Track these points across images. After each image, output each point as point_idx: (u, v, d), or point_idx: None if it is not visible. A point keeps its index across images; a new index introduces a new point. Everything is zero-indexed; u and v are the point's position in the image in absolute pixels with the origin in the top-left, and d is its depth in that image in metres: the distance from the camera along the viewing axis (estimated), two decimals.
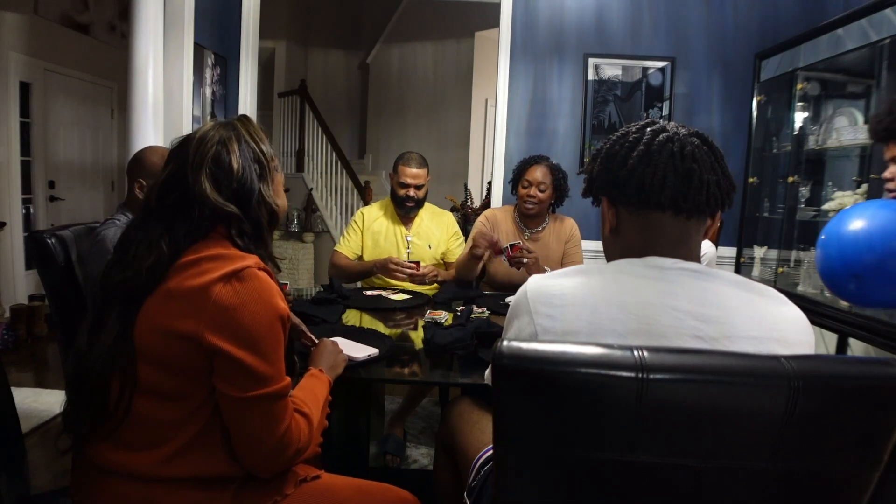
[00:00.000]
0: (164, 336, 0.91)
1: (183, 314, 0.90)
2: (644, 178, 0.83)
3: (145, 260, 0.93)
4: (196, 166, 0.97)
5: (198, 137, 1.01)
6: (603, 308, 0.79)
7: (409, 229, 2.62)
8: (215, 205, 0.96)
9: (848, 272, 1.29)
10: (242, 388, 0.91)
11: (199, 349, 0.90)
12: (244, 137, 1.02)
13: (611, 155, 0.89)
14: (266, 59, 6.81)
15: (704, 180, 0.83)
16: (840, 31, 2.43)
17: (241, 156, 1.00)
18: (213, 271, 0.91)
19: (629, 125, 0.91)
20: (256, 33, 3.59)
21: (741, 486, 0.69)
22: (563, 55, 3.35)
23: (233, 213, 0.98)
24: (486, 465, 1.12)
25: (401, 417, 2.47)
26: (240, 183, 0.99)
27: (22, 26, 4.28)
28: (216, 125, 1.03)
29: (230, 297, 0.90)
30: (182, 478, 0.94)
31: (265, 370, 0.92)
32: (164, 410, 0.94)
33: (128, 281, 0.94)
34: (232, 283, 0.91)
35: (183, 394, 0.94)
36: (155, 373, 0.93)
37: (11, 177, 4.31)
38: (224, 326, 0.89)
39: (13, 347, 3.67)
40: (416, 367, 1.51)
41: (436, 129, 7.03)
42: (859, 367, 0.68)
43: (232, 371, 0.91)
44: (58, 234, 1.59)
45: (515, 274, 2.38)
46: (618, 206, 0.89)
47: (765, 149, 3.06)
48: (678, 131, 0.86)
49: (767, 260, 2.96)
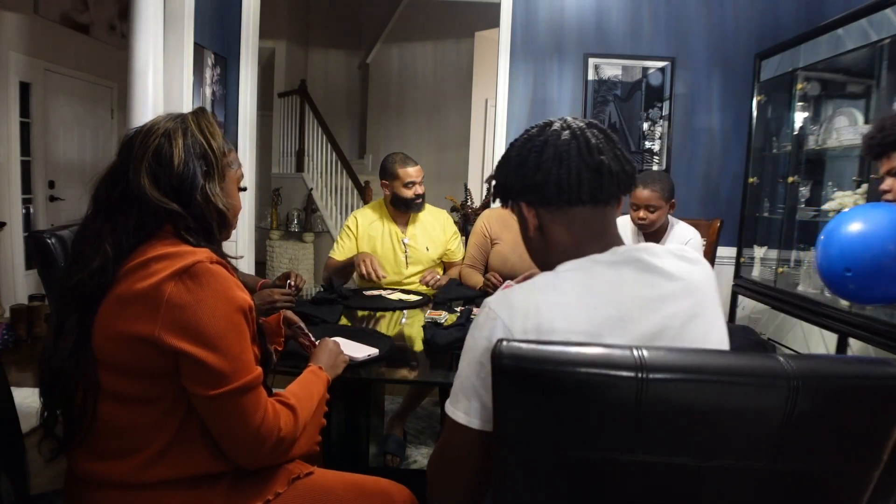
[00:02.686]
0: (122, 341, 0.89)
1: (137, 317, 0.87)
2: (560, 179, 0.86)
3: (91, 262, 0.90)
4: (137, 160, 0.93)
5: (145, 130, 0.97)
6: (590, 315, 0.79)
7: (406, 232, 2.57)
8: (154, 202, 0.92)
9: (842, 267, 1.32)
10: (208, 386, 0.88)
11: (159, 351, 0.88)
12: (192, 131, 0.98)
13: (521, 161, 0.91)
14: (266, 59, 6.80)
15: (613, 169, 0.87)
16: (840, 31, 2.43)
17: (185, 150, 0.95)
18: (162, 270, 0.88)
19: (528, 129, 0.94)
20: (256, 33, 3.59)
21: (741, 485, 0.69)
22: (563, 55, 3.35)
23: (173, 211, 0.93)
24: None
25: (401, 417, 2.47)
26: (179, 179, 0.94)
27: (22, 26, 4.28)
28: (167, 117, 0.99)
29: (183, 294, 0.87)
30: (167, 480, 0.93)
31: (228, 366, 0.89)
32: (133, 415, 0.92)
33: (80, 284, 0.91)
34: (184, 280, 0.87)
35: (150, 397, 0.92)
36: (117, 378, 0.91)
37: (11, 177, 4.31)
38: (181, 326, 0.86)
39: (13, 347, 3.67)
40: (416, 367, 1.51)
41: (436, 129, 7.03)
42: (859, 367, 0.68)
43: (195, 370, 0.88)
44: (58, 234, 1.59)
45: (520, 266, 2.41)
46: (537, 208, 0.91)
47: (765, 149, 3.06)
48: (578, 125, 0.90)
49: (767, 260, 2.96)
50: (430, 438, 2.54)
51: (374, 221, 2.57)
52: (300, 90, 6.38)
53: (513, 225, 2.58)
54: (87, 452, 0.94)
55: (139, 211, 0.92)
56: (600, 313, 0.79)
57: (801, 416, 0.65)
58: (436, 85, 7.06)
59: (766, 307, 3.00)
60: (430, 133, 7.07)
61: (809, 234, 2.69)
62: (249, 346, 0.94)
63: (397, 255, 2.54)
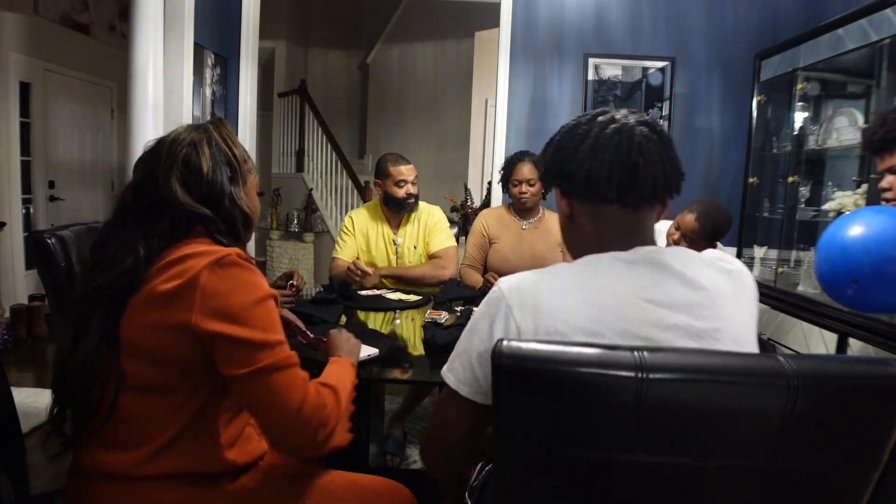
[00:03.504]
0: (155, 330, 0.92)
1: (174, 308, 0.90)
2: (591, 173, 0.85)
3: (123, 262, 0.94)
4: (166, 169, 0.98)
5: (169, 140, 1.01)
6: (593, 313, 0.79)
7: (397, 232, 2.57)
8: (187, 207, 0.97)
9: (847, 276, 1.28)
10: (243, 363, 0.90)
11: (194, 340, 0.90)
12: (215, 140, 1.03)
13: (560, 147, 0.90)
14: (266, 59, 6.80)
15: (650, 174, 0.84)
16: (840, 31, 2.43)
17: (212, 158, 1.01)
18: (197, 264, 0.92)
19: (581, 115, 0.92)
20: (256, 33, 3.60)
21: (740, 485, 0.69)
22: (563, 55, 3.36)
23: (205, 215, 0.99)
24: (486, 464, 1.12)
25: (401, 417, 2.47)
26: (209, 185, 1.00)
27: (22, 26, 4.28)
28: (189, 128, 1.04)
29: (216, 283, 0.91)
30: (168, 474, 0.94)
31: (262, 338, 0.91)
32: (148, 406, 0.94)
33: (109, 283, 0.94)
34: (216, 270, 0.91)
35: (169, 387, 0.94)
36: (142, 367, 0.93)
37: (11, 177, 4.31)
38: (215, 311, 0.90)
39: (13, 347, 3.67)
40: (416, 367, 1.51)
41: (436, 129, 7.03)
42: (859, 367, 0.68)
43: (230, 350, 0.90)
44: (58, 234, 1.59)
45: (520, 266, 2.41)
46: (569, 197, 0.91)
47: (765, 149, 3.05)
48: (627, 122, 0.87)
49: (767, 260, 2.96)
50: None
51: (368, 221, 2.58)
52: (300, 90, 6.38)
53: (511, 225, 2.58)
54: (97, 441, 0.96)
55: (172, 216, 0.97)
56: (601, 311, 0.79)
57: (801, 416, 0.65)
58: (436, 85, 7.06)
59: (766, 307, 3.00)
60: (430, 133, 7.07)
61: (809, 234, 2.69)
62: (281, 328, 0.96)
63: (389, 255, 2.55)
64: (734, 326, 0.82)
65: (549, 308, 0.79)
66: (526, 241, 2.54)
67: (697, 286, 0.81)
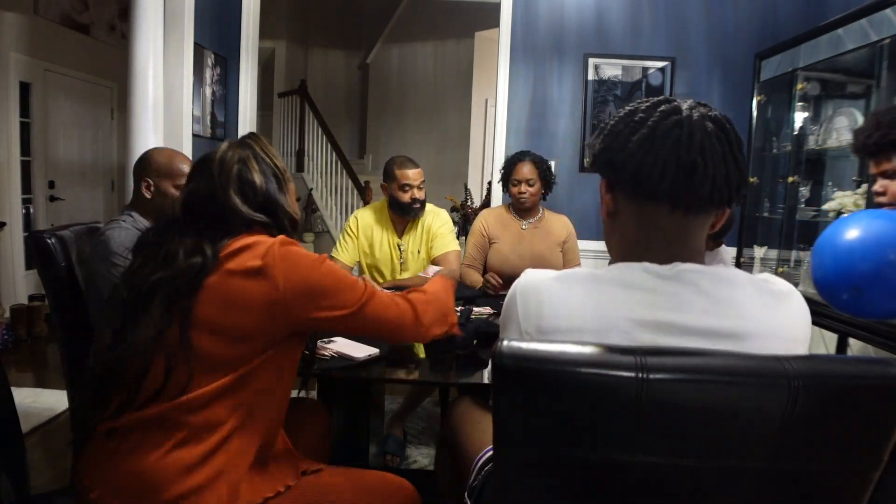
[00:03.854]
0: (232, 307, 0.99)
1: (257, 282, 1.00)
2: (642, 167, 0.76)
3: (188, 260, 1.01)
4: (223, 185, 1.08)
5: (218, 159, 1.10)
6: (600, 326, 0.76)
7: (402, 236, 2.53)
8: (247, 216, 1.08)
9: (846, 283, 1.26)
10: (343, 308, 1.07)
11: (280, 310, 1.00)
12: (260, 155, 1.13)
13: (613, 133, 0.81)
14: (266, 59, 6.80)
15: (709, 174, 0.75)
16: (840, 31, 2.43)
17: (262, 172, 1.11)
18: (264, 246, 1.03)
19: (641, 100, 0.82)
20: (256, 33, 3.59)
21: (741, 486, 0.69)
22: (563, 55, 3.35)
23: (263, 222, 1.10)
24: (486, 465, 1.12)
25: (401, 417, 2.47)
26: (265, 196, 1.11)
27: (22, 26, 4.28)
28: (231, 145, 1.13)
29: (286, 255, 1.03)
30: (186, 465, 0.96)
31: (344, 291, 1.08)
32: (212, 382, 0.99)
33: (169, 279, 1.01)
34: (284, 246, 1.04)
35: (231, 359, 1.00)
36: (218, 344, 0.99)
37: (11, 177, 4.30)
38: (295, 275, 1.02)
39: (13, 347, 3.67)
40: (416, 368, 1.51)
41: (436, 129, 7.03)
42: (859, 367, 0.68)
43: (327, 305, 1.05)
44: (58, 234, 1.59)
45: (521, 266, 2.42)
46: (615, 191, 0.83)
47: (765, 149, 3.06)
48: (691, 115, 0.77)
49: (767, 260, 2.96)
50: (431, 438, 2.54)
51: (373, 224, 2.53)
52: (300, 90, 6.38)
53: (511, 225, 2.58)
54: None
55: (233, 224, 1.07)
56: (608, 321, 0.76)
57: (802, 417, 0.65)
58: (436, 85, 7.06)
59: None
60: (430, 133, 7.07)
61: (809, 234, 2.69)
62: (349, 275, 1.13)
63: (393, 260, 2.53)
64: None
65: (555, 311, 0.78)
66: (526, 242, 2.54)
67: (724, 315, 0.75)
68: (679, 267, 0.78)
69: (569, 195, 3.26)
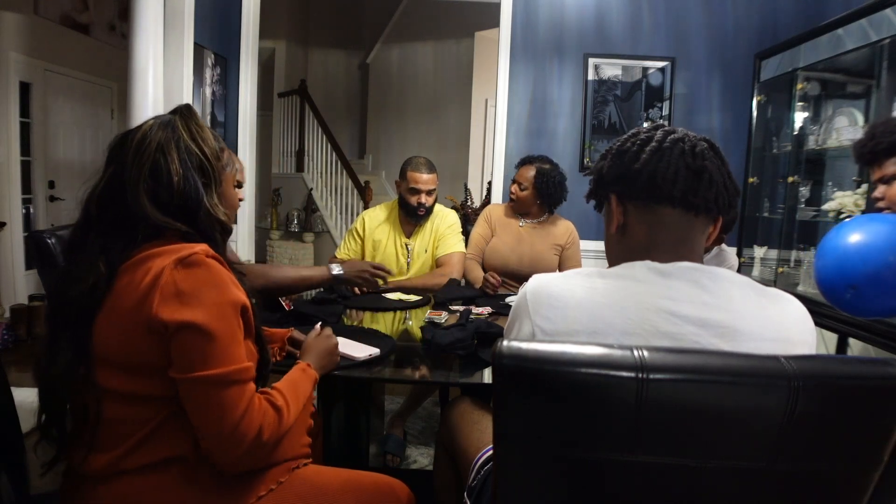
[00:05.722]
0: (124, 337, 0.89)
1: (138, 310, 0.87)
2: (656, 172, 0.84)
3: (86, 279, 0.90)
4: (133, 181, 0.92)
5: (136, 142, 0.94)
6: (601, 312, 0.79)
7: (410, 236, 2.54)
8: (159, 223, 0.91)
9: (844, 282, 1.31)
10: (194, 366, 0.87)
11: (157, 337, 0.87)
12: (184, 140, 0.96)
13: (622, 151, 0.90)
14: (266, 59, 6.80)
15: (715, 179, 0.84)
16: (840, 31, 2.43)
17: (182, 163, 0.94)
18: (160, 263, 0.88)
19: (638, 128, 0.93)
20: (256, 33, 3.59)
21: (741, 486, 0.69)
22: (563, 55, 3.35)
23: (177, 229, 0.93)
24: (486, 465, 1.12)
25: (401, 417, 2.47)
26: (182, 196, 0.93)
27: (22, 26, 4.28)
28: (156, 124, 0.96)
29: (179, 282, 0.87)
30: (148, 464, 0.93)
31: (216, 350, 0.87)
32: (129, 411, 0.92)
33: (75, 300, 0.91)
34: (179, 269, 0.87)
35: (148, 393, 0.92)
36: (118, 378, 0.91)
37: (11, 177, 4.31)
38: (176, 305, 0.86)
39: (13, 347, 3.67)
40: (416, 368, 1.51)
41: (436, 129, 7.03)
42: (859, 367, 0.68)
43: (184, 348, 0.87)
44: (58, 234, 1.59)
45: (519, 267, 2.49)
46: (626, 202, 0.89)
47: (765, 149, 3.06)
48: (688, 133, 0.88)
49: (767, 260, 2.96)
50: (431, 438, 2.54)
51: (381, 224, 2.54)
52: (300, 90, 6.38)
53: (511, 222, 2.60)
54: (81, 444, 0.94)
55: (141, 229, 0.92)
56: (612, 313, 0.79)
57: (802, 417, 0.65)
58: (436, 85, 7.06)
59: None
60: (430, 133, 7.06)
61: (809, 234, 2.69)
62: (241, 341, 0.93)
63: (399, 260, 2.53)
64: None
65: (564, 309, 0.80)
66: (525, 242, 2.55)
67: (719, 308, 0.79)
68: (680, 265, 0.83)
69: (569, 195, 3.25)
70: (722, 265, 2.11)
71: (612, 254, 0.95)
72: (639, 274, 0.83)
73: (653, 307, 0.79)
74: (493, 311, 1.94)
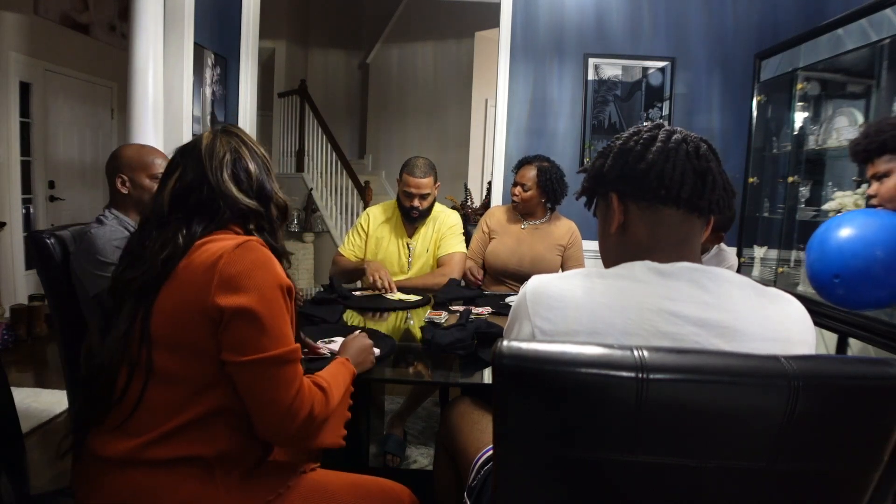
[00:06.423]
0: (177, 315, 0.95)
1: (193, 289, 0.94)
2: (664, 173, 0.84)
3: (160, 254, 0.97)
4: (217, 170, 1.05)
5: (205, 146, 1.06)
6: (601, 312, 0.79)
7: (412, 235, 2.54)
8: (241, 203, 1.04)
9: (828, 272, 1.35)
10: (247, 350, 0.93)
11: (209, 322, 0.93)
12: (247, 143, 1.10)
13: (625, 150, 0.88)
14: (266, 59, 6.80)
15: (717, 181, 0.85)
16: (840, 31, 2.43)
17: (252, 160, 1.09)
18: (219, 249, 0.96)
19: (639, 125, 0.92)
20: (256, 33, 3.59)
21: (741, 486, 0.69)
22: (563, 55, 3.35)
23: (255, 210, 1.06)
24: (486, 465, 1.12)
25: (401, 417, 2.47)
26: (259, 184, 1.08)
27: (22, 26, 4.28)
28: (216, 134, 1.09)
29: (233, 264, 0.95)
30: (179, 458, 0.94)
31: (267, 333, 0.94)
32: (169, 394, 0.95)
33: (141, 276, 0.97)
34: (235, 252, 0.96)
35: (188, 376, 0.96)
36: (167, 357, 0.95)
37: (11, 177, 4.30)
38: (230, 289, 0.93)
39: (13, 347, 3.67)
40: (416, 368, 1.51)
41: (436, 129, 7.03)
42: (859, 367, 0.68)
43: (236, 333, 0.93)
44: (57, 234, 1.59)
45: (519, 269, 2.49)
46: (628, 202, 0.88)
47: (765, 149, 3.05)
48: (689, 135, 0.88)
49: (767, 260, 2.96)
50: (430, 438, 2.54)
51: (384, 222, 2.55)
52: (300, 90, 6.38)
53: (512, 224, 2.59)
54: (120, 431, 0.96)
55: (221, 211, 1.03)
56: (612, 313, 0.79)
57: (802, 417, 0.65)
58: (436, 85, 7.06)
59: None
60: (430, 133, 7.06)
61: (809, 234, 2.67)
62: (289, 322, 1.00)
63: (401, 259, 2.53)
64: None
65: (564, 310, 0.80)
66: (525, 243, 2.55)
67: (719, 308, 0.79)
68: (680, 265, 0.83)
69: (569, 195, 3.26)
70: (721, 265, 2.11)
71: (609, 253, 0.94)
72: (639, 274, 0.82)
73: (653, 307, 0.79)
74: (493, 311, 1.94)
